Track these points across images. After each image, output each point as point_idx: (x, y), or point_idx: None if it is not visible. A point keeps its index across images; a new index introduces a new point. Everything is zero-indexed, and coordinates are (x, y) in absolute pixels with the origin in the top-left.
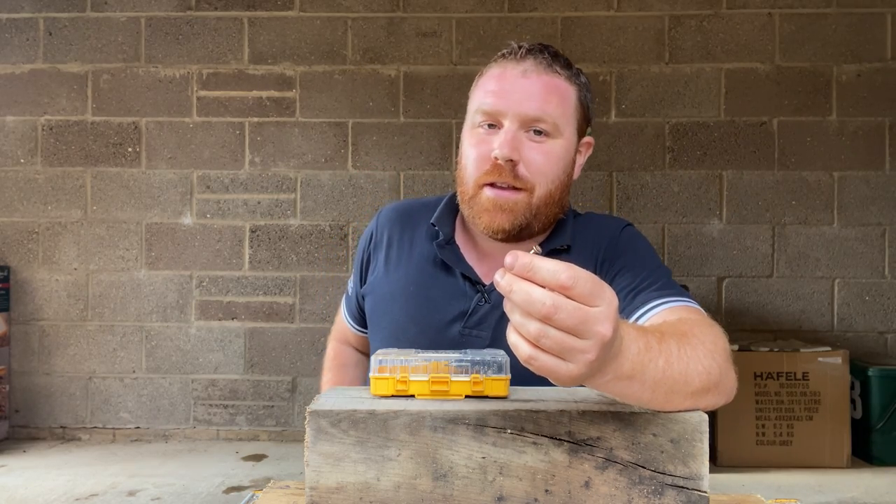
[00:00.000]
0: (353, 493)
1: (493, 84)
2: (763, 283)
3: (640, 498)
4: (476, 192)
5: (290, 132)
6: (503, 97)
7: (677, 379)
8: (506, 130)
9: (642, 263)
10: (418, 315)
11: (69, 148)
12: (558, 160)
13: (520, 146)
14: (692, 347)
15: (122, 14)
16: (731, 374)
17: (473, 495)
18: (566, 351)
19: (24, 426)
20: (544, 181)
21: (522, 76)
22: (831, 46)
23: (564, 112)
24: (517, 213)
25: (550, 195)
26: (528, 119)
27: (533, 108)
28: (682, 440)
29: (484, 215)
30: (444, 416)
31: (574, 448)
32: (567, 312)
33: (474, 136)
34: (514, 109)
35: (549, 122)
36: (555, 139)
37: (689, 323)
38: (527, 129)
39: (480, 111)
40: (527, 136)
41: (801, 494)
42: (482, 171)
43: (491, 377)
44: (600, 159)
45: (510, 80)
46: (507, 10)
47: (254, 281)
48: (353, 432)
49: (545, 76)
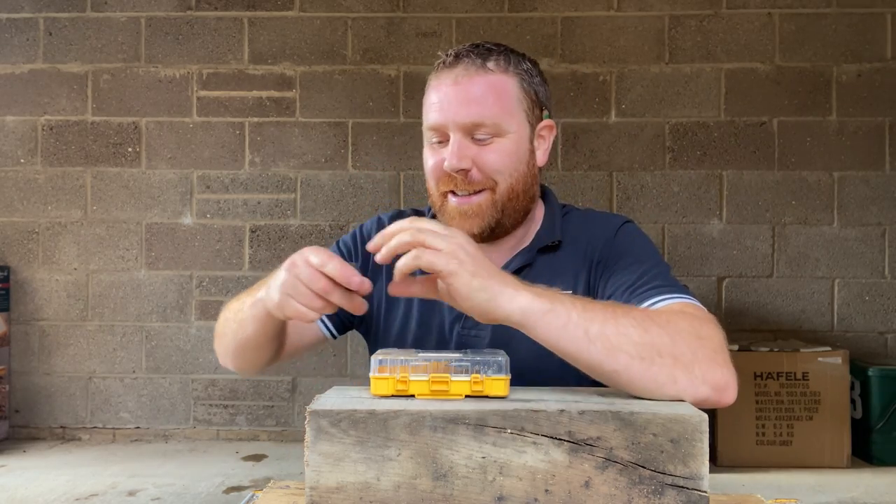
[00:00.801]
0: (353, 493)
1: (433, 97)
2: (763, 283)
3: (640, 498)
4: (441, 201)
5: (290, 132)
6: (441, 110)
7: (606, 320)
8: (452, 142)
9: (639, 261)
10: (420, 319)
11: (69, 148)
12: (511, 155)
13: (468, 153)
14: (626, 311)
15: (122, 14)
16: (712, 362)
17: (473, 495)
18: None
19: (24, 426)
20: (502, 178)
21: (454, 84)
22: (831, 46)
23: (505, 108)
24: (483, 216)
25: (512, 189)
26: (468, 126)
27: (469, 115)
28: (682, 440)
29: (453, 223)
30: (444, 416)
31: (574, 448)
32: (408, 234)
33: (429, 150)
34: (452, 120)
35: (489, 123)
36: (501, 137)
37: (661, 310)
38: (471, 136)
39: (428, 128)
40: (473, 143)
41: (801, 494)
42: (439, 180)
43: (491, 377)
44: (600, 159)
45: (444, 91)
46: (507, 10)
47: (254, 281)
48: (354, 432)
49: (477, 78)
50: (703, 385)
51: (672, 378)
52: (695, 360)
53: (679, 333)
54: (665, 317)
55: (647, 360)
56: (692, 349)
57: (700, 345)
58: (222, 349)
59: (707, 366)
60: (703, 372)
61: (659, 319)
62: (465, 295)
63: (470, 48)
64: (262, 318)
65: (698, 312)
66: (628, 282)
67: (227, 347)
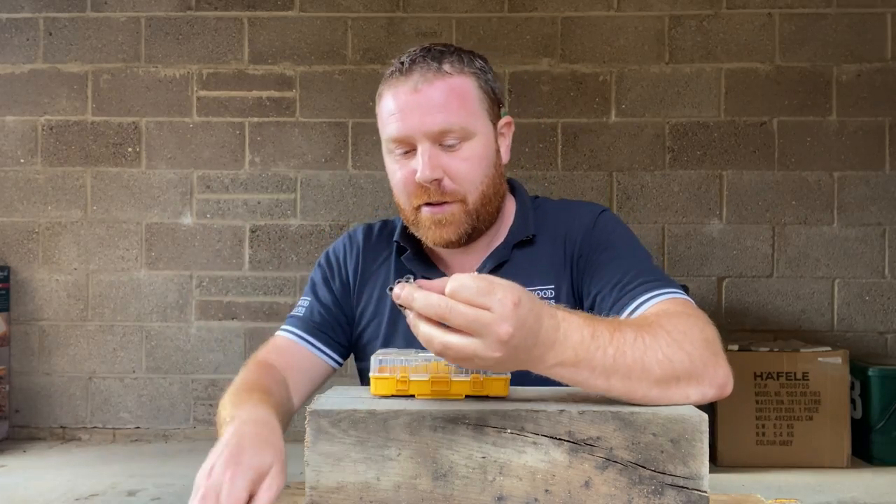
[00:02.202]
0: (353, 493)
1: (391, 107)
2: (763, 283)
3: (640, 498)
4: (414, 214)
5: (290, 132)
6: (404, 120)
7: (632, 366)
8: (421, 152)
9: (622, 255)
10: (399, 331)
11: (69, 148)
12: (480, 160)
13: (439, 162)
14: (652, 338)
15: (122, 14)
16: (715, 365)
17: (473, 495)
18: (465, 350)
19: (24, 426)
20: (473, 187)
21: (414, 92)
22: (831, 46)
23: (469, 110)
24: (458, 223)
25: (484, 195)
26: (436, 134)
27: (437, 123)
28: (682, 440)
29: (428, 233)
30: (444, 416)
31: (574, 448)
32: (458, 313)
33: (392, 164)
34: (418, 129)
35: (457, 128)
36: (469, 141)
37: (663, 315)
38: (439, 143)
39: (390, 139)
40: (442, 150)
41: (801, 494)
42: (411, 194)
43: (491, 377)
44: (600, 159)
45: (404, 100)
46: (507, 10)
47: (254, 281)
48: (354, 432)
49: (437, 83)
50: (710, 389)
51: (685, 396)
52: (704, 370)
53: (693, 346)
54: (678, 328)
55: (664, 386)
56: (703, 360)
57: (706, 351)
58: None
59: (713, 370)
60: (710, 378)
61: (675, 334)
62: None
63: (421, 52)
64: None
65: (691, 310)
66: (614, 279)
67: None
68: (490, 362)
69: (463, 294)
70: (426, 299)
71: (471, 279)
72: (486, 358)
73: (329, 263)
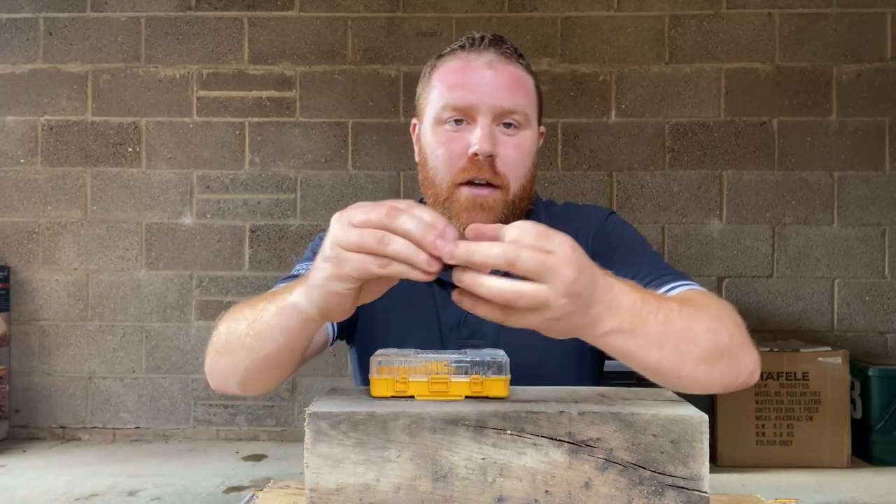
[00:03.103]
0: (352, 495)
1: (458, 77)
2: (763, 283)
3: (640, 498)
4: (451, 192)
5: (290, 132)
6: (473, 90)
7: (681, 335)
8: (482, 125)
9: (635, 254)
10: (412, 329)
11: (69, 148)
12: (528, 152)
13: (496, 140)
14: (694, 310)
15: (122, 14)
16: (748, 348)
17: (473, 496)
18: (533, 296)
19: (24, 426)
20: (517, 176)
21: (489, 67)
22: (831, 46)
23: (530, 102)
24: (496, 211)
25: (524, 189)
26: (503, 111)
27: (506, 100)
28: (683, 441)
29: (462, 215)
30: (443, 418)
31: (574, 449)
32: (527, 256)
33: (441, 134)
34: (487, 102)
35: (521, 112)
36: (524, 130)
37: (696, 294)
38: (498, 123)
39: (449, 106)
40: (498, 130)
41: (801, 494)
42: (457, 168)
43: (490, 378)
44: (600, 159)
45: (477, 72)
46: (507, 10)
47: (254, 281)
48: (353, 434)
49: (511, 66)
50: (744, 371)
51: (724, 374)
52: (741, 350)
53: (730, 325)
54: (714, 307)
55: (709, 362)
56: (739, 340)
57: (741, 332)
58: (226, 370)
59: (747, 352)
60: (745, 360)
61: (712, 310)
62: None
63: (496, 36)
64: (296, 329)
65: (717, 297)
66: (629, 274)
67: (236, 368)
68: (557, 312)
69: (526, 240)
70: (489, 249)
71: (529, 225)
72: (554, 306)
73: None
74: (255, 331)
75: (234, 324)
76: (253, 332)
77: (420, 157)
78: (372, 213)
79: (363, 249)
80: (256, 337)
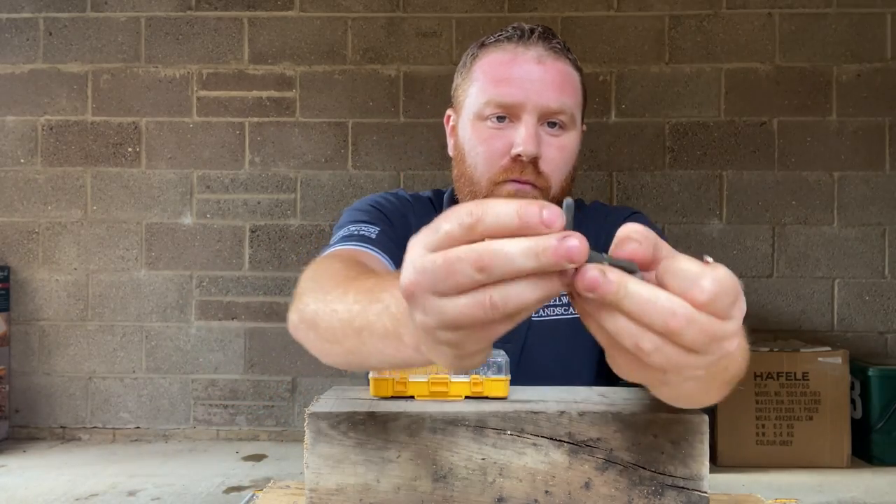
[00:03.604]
0: (352, 495)
1: (503, 71)
2: (763, 283)
3: (640, 499)
4: (491, 190)
5: (290, 132)
6: (519, 87)
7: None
8: (527, 124)
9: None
10: None
11: (69, 148)
12: (571, 154)
13: (540, 141)
14: None
15: (122, 14)
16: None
17: (473, 497)
18: (677, 367)
19: (24, 426)
20: (559, 177)
21: (537, 63)
22: (831, 46)
23: (577, 101)
24: None
25: (563, 190)
26: (549, 111)
27: (553, 100)
28: (683, 441)
29: None
30: (443, 418)
31: (574, 449)
32: (699, 329)
33: (483, 131)
34: (533, 101)
35: (567, 113)
36: (569, 131)
37: None
38: (543, 122)
39: (493, 102)
40: (543, 130)
41: (801, 494)
42: (498, 167)
43: (490, 378)
44: (600, 159)
45: (524, 68)
46: (507, 10)
47: (254, 281)
48: (353, 434)
49: (559, 63)
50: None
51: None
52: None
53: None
54: None
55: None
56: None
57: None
58: (322, 353)
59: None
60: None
61: None
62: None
63: (541, 28)
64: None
65: None
66: None
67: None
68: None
69: (719, 302)
70: (650, 300)
71: (727, 275)
72: (685, 378)
73: (393, 204)
74: (354, 345)
75: (324, 306)
76: (351, 345)
77: (456, 152)
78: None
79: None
80: (358, 354)
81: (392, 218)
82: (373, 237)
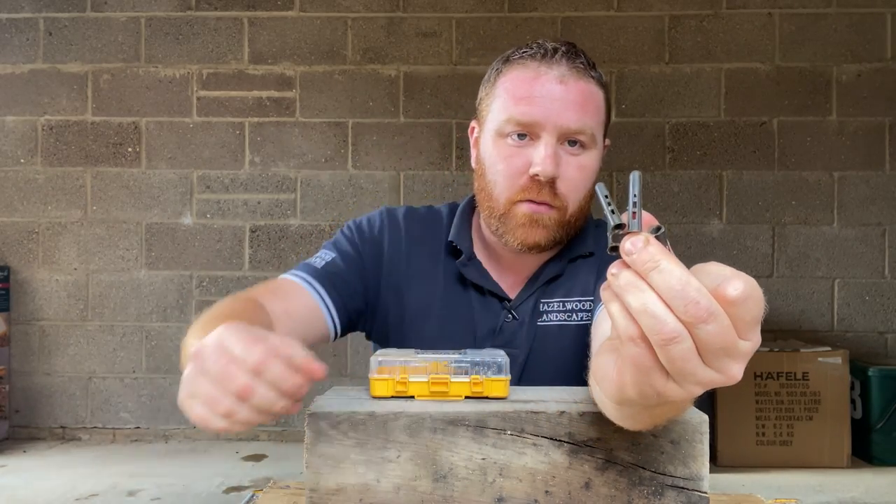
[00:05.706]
0: (353, 495)
1: (525, 89)
2: (763, 283)
3: (640, 499)
4: (509, 208)
5: (290, 132)
6: (540, 106)
7: None
8: (546, 144)
9: None
10: (447, 334)
11: (69, 148)
12: (591, 173)
13: (559, 161)
14: None
15: (122, 14)
16: None
17: (473, 497)
18: (682, 372)
19: (24, 426)
20: (576, 197)
21: (559, 82)
22: (831, 46)
23: (599, 120)
24: (552, 229)
25: (581, 209)
26: (569, 132)
27: (574, 120)
28: (683, 441)
29: (518, 231)
30: (443, 418)
31: (574, 449)
32: (717, 328)
33: (503, 148)
34: (553, 121)
35: (588, 133)
36: (589, 151)
37: None
38: (563, 142)
39: (513, 120)
40: (563, 150)
41: (801, 494)
42: (517, 186)
43: (490, 378)
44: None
45: (546, 87)
46: (507, 10)
47: (254, 281)
48: (353, 434)
49: (581, 83)
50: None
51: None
52: None
53: None
54: None
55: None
56: None
57: None
58: None
59: None
60: None
61: None
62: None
63: (564, 45)
64: None
65: None
66: None
67: None
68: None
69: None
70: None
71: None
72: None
73: (361, 231)
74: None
75: (186, 345)
76: None
77: (478, 166)
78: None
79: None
80: None
81: (357, 243)
82: (316, 265)
